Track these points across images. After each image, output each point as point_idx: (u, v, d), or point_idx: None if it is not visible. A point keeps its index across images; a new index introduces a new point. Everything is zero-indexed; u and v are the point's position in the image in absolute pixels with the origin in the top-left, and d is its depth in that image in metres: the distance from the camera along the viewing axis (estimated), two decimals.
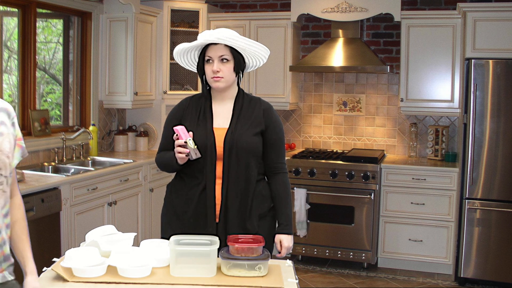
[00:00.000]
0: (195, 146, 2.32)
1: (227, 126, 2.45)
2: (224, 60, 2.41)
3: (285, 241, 2.49)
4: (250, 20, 5.10)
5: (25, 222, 1.82)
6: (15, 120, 1.79)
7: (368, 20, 5.10)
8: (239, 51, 2.45)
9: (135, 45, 4.69)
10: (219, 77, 2.40)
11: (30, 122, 4.15)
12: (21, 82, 4.16)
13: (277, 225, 2.55)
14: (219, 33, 2.39)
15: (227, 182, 2.40)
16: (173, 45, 5.03)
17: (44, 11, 4.43)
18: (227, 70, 2.41)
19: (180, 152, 2.32)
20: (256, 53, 2.48)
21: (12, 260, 1.75)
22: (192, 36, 4.93)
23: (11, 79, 4.28)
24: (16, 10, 4.10)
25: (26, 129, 4.16)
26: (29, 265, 1.76)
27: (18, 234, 1.78)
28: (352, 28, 4.89)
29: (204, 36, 2.40)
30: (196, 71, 2.58)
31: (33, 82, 4.22)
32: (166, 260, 2.11)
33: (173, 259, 2.02)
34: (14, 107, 4.27)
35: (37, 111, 4.22)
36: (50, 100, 4.81)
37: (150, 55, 4.96)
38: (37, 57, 4.28)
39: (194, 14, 5.15)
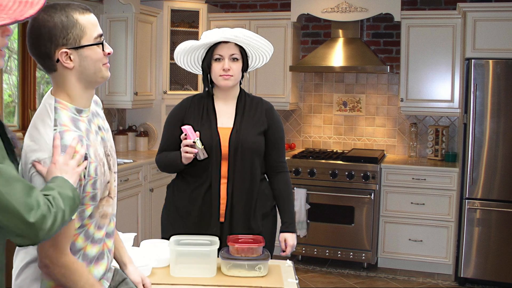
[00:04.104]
0: (202, 146, 2.32)
1: (231, 126, 2.45)
2: (235, 59, 2.42)
3: (290, 239, 2.49)
4: (250, 20, 5.09)
5: None
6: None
7: (368, 20, 5.10)
8: (249, 50, 2.46)
9: (135, 45, 4.69)
10: (229, 75, 2.41)
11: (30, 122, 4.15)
12: (21, 82, 4.16)
13: (280, 224, 2.55)
14: (236, 32, 2.38)
15: (233, 182, 2.40)
16: (173, 45, 5.02)
17: None
18: (236, 68, 2.42)
19: (187, 152, 2.32)
20: (265, 52, 2.50)
21: None
22: (192, 36, 4.93)
23: (11, 79, 4.28)
24: None
25: (26, 129, 4.15)
26: (127, 255, 1.82)
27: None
28: (352, 28, 4.89)
29: (216, 34, 2.38)
30: (194, 72, 2.58)
31: (33, 82, 4.21)
32: (166, 260, 2.11)
33: (173, 259, 2.03)
34: (13, 107, 4.27)
35: None
36: None
37: (150, 55, 4.96)
38: None
39: (194, 14, 5.15)
